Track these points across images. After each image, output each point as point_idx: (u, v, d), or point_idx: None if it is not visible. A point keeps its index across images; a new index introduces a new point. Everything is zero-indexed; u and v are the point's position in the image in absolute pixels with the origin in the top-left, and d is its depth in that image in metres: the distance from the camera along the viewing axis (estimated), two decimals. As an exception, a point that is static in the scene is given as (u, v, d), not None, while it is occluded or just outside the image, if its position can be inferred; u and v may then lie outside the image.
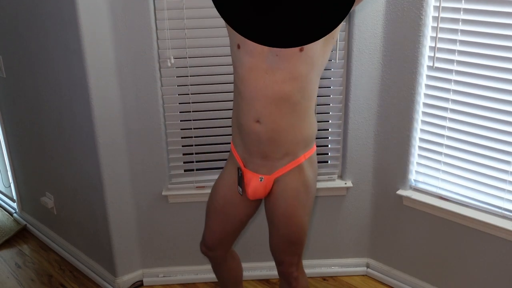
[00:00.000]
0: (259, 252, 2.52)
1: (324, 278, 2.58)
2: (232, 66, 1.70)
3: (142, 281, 2.59)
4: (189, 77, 2.23)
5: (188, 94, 2.26)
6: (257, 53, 1.55)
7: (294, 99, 1.59)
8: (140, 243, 2.53)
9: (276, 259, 1.91)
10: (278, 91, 1.57)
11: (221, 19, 2.12)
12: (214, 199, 1.86)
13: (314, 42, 1.45)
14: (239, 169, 1.76)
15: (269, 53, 1.54)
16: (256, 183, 1.74)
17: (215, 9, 2.11)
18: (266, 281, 2.57)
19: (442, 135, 2.16)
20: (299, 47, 1.51)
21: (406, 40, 2.11)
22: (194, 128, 2.32)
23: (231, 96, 2.26)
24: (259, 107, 1.60)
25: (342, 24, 2.13)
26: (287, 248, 1.84)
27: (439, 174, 2.22)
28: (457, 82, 2.05)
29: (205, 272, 2.59)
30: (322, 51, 1.59)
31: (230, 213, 1.85)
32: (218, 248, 1.94)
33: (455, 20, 1.99)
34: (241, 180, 1.77)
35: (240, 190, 1.79)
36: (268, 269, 2.56)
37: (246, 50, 1.57)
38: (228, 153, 1.85)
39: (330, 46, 1.61)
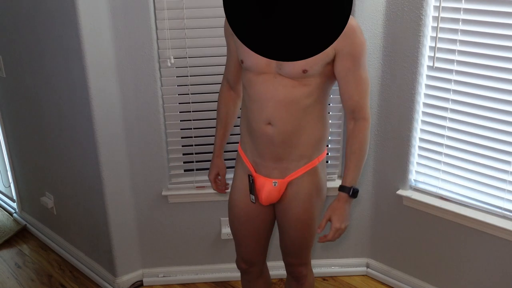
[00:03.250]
0: (259, 252, 2.53)
1: (324, 278, 2.58)
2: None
3: (142, 281, 2.59)
4: (189, 77, 2.23)
5: (188, 94, 2.26)
6: (262, 70, 1.58)
7: (304, 102, 1.59)
8: (140, 243, 2.53)
9: (286, 260, 1.91)
10: (288, 95, 1.58)
11: (221, 19, 2.13)
12: (235, 214, 1.84)
13: (315, 63, 1.52)
14: (249, 176, 1.74)
15: (274, 66, 1.56)
16: (269, 188, 1.71)
17: (215, 9, 2.13)
18: (266, 281, 2.57)
19: (442, 135, 2.16)
20: (303, 69, 1.53)
21: (406, 40, 2.11)
22: (194, 128, 2.32)
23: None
24: (270, 109, 1.60)
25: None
26: (298, 251, 1.85)
27: (439, 174, 2.22)
28: (457, 82, 2.05)
29: (205, 272, 2.59)
30: (328, 66, 1.58)
31: (255, 222, 1.83)
32: (258, 260, 1.93)
33: (455, 20, 1.99)
34: (253, 188, 1.74)
35: (253, 198, 1.76)
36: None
37: (248, 66, 1.60)
38: (232, 158, 1.85)
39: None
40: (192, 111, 2.29)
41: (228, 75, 1.84)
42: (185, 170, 2.41)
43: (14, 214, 3.23)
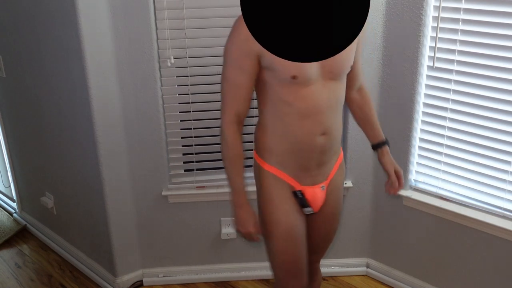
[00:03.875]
0: (259, 252, 2.52)
1: (324, 278, 2.58)
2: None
3: (142, 281, 2.59)
4: (189, 77, 2.23)
5: (188, 94, 2.26)
6: (313, 80, 1.50)
7: (343, 99, 1.62)
8: (140, 243, 2.53)
9: (308, 259, 1.81)
10: (339, 98, 1.58)
11: (221, 19, 2.13)
12: (294, 238, 1.64)
13: (352, 55, 1.56)
14: (296, 192, 1.64)
15: (324, 71, 1.51)
16: (320, 194, 1.68)
17: (215, 9, 2.13)
18: (266, 281, 2.57)
19: (442, 135, 2.16)
20: (351, 65, 1.57)
21: (406, 40, 2.11)
22: (194, 128, 2.32)
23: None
24: (325, 119, 1.55)
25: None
26: (325, 246, 1.86)
27: (439, 174, 2.22)
28: (457, 82, 2.05)
29: (205, 272, 2.59)
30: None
31: (303, 241, 1.69)
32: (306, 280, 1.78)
33: (455, 20, 1.99)
34: (304, 200, 1.66)
35: (310, 209, 1.68)
36: (268, 269, 2.56)
37: (303, 79, 1.48)
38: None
39: None
40: (192, 111, 2.29)
41: (240, 106, 1.54)
42: (185, 170, 2.41)
43: (14, 214, 3.23)
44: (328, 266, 2.58)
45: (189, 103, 2.27)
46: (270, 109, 1.56)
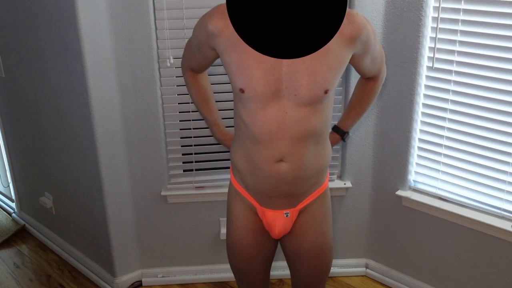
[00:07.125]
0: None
1: (323, 279, 2.58)
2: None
3: (141, 281, 2.59)
4: (188, 77, 2.23)
5: (187, 94, 2.26)
6: (266, 99, 1.39)
7: (318, 130, 1.47)
8: (139, 243, 2.53)
9: None
10: (311, 130, 1.44)
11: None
12: (244, 255, 1.66)
13: (335, 77, 1.41)
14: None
15: (286, 93, 1.39)
16: (282, 221, 1.58)
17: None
18: (265, 281, 2.57)
19: (441, 136, 2.16)
20: (325, 90, 1.40)
21: (406, 40, 2.11)
22: (193, 128, 2.32)
23: (230, 96, 2.26)
24: (283, 147, 1.44)
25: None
26: (318, 281, 1.71)
27: (438, 174, 2.22)
28: (457, 83, 2.05)
29: (204, 272, 2.59)
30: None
31: (266, 255, 1.69)
32: None
33: (455, 21, 1.99)
34: None
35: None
36: (267, 269, 2.56)
37: (250, 94, 1.40)
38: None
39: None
40: (192, 111, 2.29)
41: (193, 64, 1.68)
42: (184, 170, 2.41)
43: (13, 214, 3.23)
44: (327, 266, 2.58)
45: (189, 103, 2.27)
46: (236, 127, 1.55)
